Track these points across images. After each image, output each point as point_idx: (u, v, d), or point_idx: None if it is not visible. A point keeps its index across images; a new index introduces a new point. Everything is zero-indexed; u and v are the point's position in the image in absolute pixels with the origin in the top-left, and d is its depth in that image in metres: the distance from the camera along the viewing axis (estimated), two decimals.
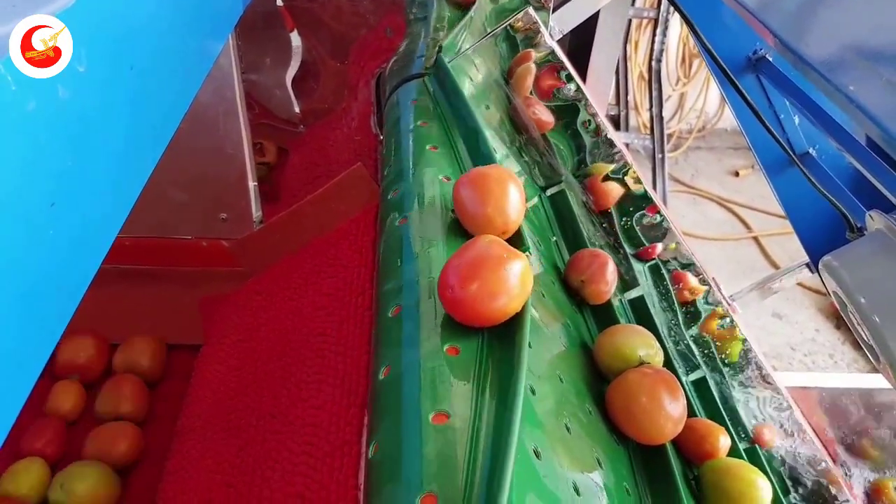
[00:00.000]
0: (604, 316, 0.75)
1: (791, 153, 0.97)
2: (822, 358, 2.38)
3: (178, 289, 1.04)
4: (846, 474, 1.17)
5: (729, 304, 0.94)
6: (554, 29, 0.94)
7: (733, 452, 0.65)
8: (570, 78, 0.97)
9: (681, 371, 0.76)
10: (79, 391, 0.94)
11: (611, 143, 1.02)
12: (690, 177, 3.18)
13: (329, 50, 1.32)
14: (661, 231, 1.17)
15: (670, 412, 0.57)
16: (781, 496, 0.67)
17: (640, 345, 0.64)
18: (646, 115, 2.81)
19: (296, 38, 1.31)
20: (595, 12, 0.97)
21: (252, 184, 1.00)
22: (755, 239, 2.85)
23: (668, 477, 0.57)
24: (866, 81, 0.54)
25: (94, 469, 0.84)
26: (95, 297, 1.06)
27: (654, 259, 1.18)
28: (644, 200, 1.08)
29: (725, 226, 2.94)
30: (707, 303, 0.89)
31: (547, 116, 1.00)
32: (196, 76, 0.67)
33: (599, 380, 0.64)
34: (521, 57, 1.05)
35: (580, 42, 1.07)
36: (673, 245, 1.10)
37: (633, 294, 0.96)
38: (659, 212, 0.99)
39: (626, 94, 2.77)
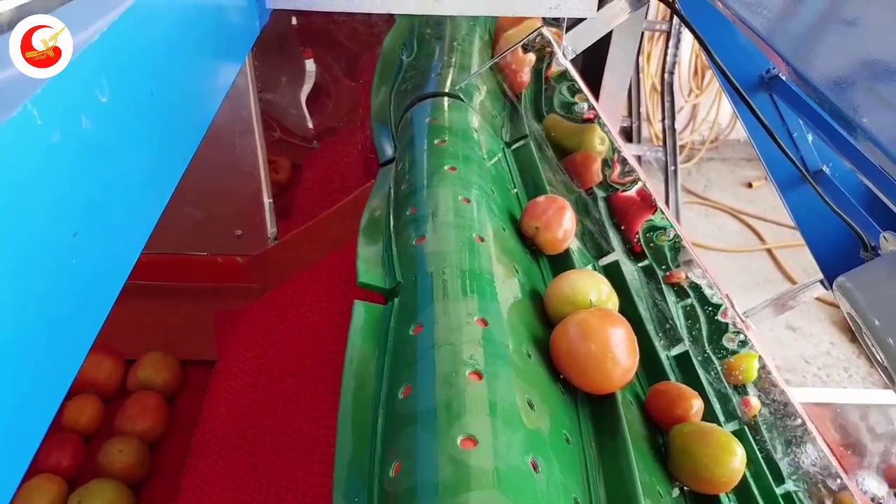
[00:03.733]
0: (562, 267, 0.71)
1: (804, 171, 0.97)
2: (836, 371, 2.36)
3: (193, 305, 1.05)
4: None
5: (743, 321, 0.93)
6: (567, 49, 0.95)
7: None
8: (577, 91, 0.97)
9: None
10: (96, 406, 0.96)
11: (624, 162, 1.03)
12: (703, 188, 3.17)
13: (343, 68, 1.34)
14: (675, 247, 1.17)
15: (618, 357, 0.51)
16: (764, 467, 0.63)
17: (591, 288, 0.59)
18: (658, 127, 2.80)
19: (309, 60, 1.33)
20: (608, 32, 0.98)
21: (267, 201, 1.01)
22: (769, 251, 2.84)
23: (616, 429, 0.52)
24: (874, 107, 0.54)
25: (110, 486, 0.85)
26: (112, 313, 1.07)
27: (678, 283, 1.17)
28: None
29: (739, 237, 2.92)
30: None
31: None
32: (215, 97, 0.68)
33: (549, 328, 0.59)
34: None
35: (593, 60, 1.08)
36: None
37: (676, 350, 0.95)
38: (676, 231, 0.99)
39: (639, 106, 2.77)
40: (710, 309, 1.07)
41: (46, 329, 0.38)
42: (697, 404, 0.59)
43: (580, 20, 0.92)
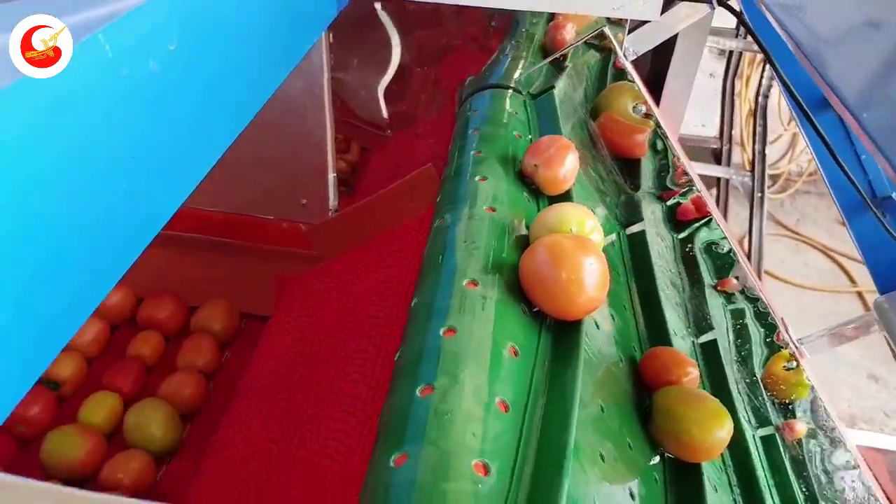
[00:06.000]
0: None
1: (867, 196, 0.94)
2: None
3: (255, 263, 1.14)
4: None
5: (797, 348, 0.92)
6: (629, 50, 0.97)
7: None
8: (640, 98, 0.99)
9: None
10: (158, 341, 1.06)
11: (678, 167, 1.04)
12: (795, 221, 3.04)
13: (427, 58, 1.39)
14: (727, 261, 1.16)
15: (582, 282, 0.50)
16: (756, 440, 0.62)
17: (576, 219, 0.58)
18: (751, 152, 2.72)
19: (396, 48, 1.39)
20: (674, 36, 0.99)
21: (331, 175, 1.08)
22: (859, 294, 2.69)
23: (572, 355, 0.51)
24: None
25: (162, 408, 0.94)
26: (183, 262, 1.19)
27: (729, 292, 1.16)
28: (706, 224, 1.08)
29: (828, 276, 2.78)
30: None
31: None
32: (279, 70, 0.74)
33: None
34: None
35: (661, 65, 1.09)
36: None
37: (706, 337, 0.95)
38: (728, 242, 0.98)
39: (731, 129, 2.69)
40: (762, 330, 1.05)
41: (106, 225, 0.44)
42: (693, 373, 0.59)
43: (643, 22, 0.93)
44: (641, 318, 0.82)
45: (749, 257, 2.32)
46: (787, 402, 0.80)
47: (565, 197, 0.73)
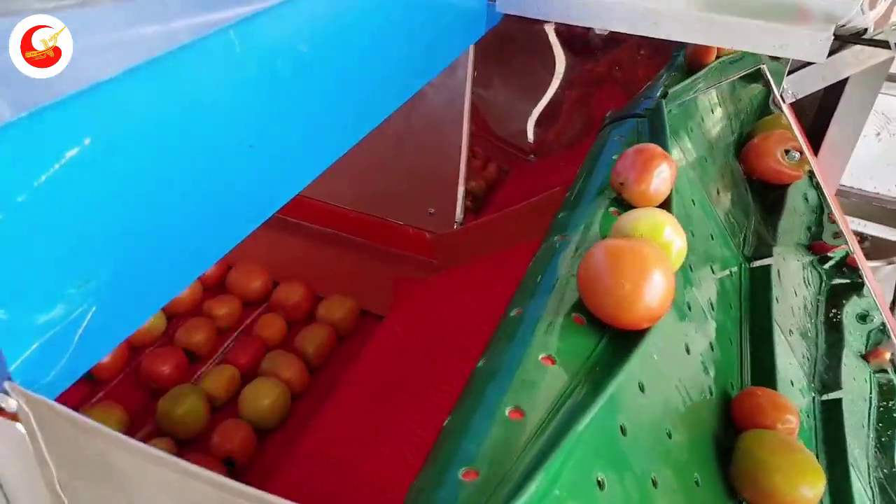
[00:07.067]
0: None
1: None
2: None
3: (379, 264, 1.19)
4: None
5: None
6: (787, 91, 0.90)
7: None
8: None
9: None
10: (281, 325, 1.13)
11: (832, 221, 0.95)
12: None
13: (577, 85, 1.38)
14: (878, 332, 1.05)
15: (635, 284, 0.45)
16: None
17: (646, 225, 0.53)
18: None
19: (558, 75, 1.38)
20: (842, 81, 0.91)
21: (461, 188, 1.10)
22: None
23: (614, 364, 0.47)
24: None
25: (273, 387, 1.00)
26: (315, 253, 1.26)
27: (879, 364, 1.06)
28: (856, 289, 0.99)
29: None
30: None
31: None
32: (412, 82, 0.77)
33: None
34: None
35: (826, 111, 1.00)
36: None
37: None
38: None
39: None
40: None
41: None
42: (792, 421, 0.53)
43: (807, 63, 0.86)
44: (748, 356, 0.76)
45: None
46: None
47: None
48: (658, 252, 0.49)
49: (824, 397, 0.92)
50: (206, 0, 0.47)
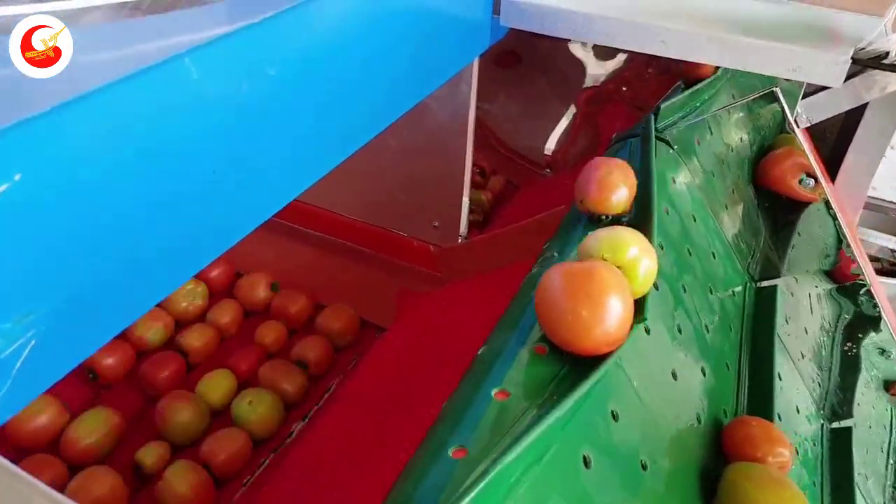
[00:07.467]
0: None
1: None
2: None
3: (382, 275, 1.18)
4: None
5: None
6: (801, 116, 0.87)
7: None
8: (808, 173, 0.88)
9: None
10: (281, 332, 1.13)
11: (849, 248, 0.92)
12: None
13: (588, 99, 1.36)
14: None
15: (595, 313, 0.44)
16: None
17: (617, 246, 0.50)
18: None
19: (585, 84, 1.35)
20: (861, 106, 0.87)
21: (465, 201, 1.09)
22: None
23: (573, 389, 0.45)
24: None
25: (268, 396, 1.00)
26: (318, 261, 1.26)
27: None
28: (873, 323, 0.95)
29: None
30: None
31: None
32: (410, 95, 0.76)
33: None
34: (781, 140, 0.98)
35: (845, 136, 0.96)
36: None
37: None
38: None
39: None
40: None
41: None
42: (785, 455, 0.51)
43: (822, 88, 0.83)
44: (746, 382, 0.74)
45: None
46: None
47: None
48: (614, 274, 0.47)
49: (834, 425, 0.89)
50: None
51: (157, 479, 0.89)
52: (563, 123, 1.41)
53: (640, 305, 0.52)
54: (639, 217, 0.66)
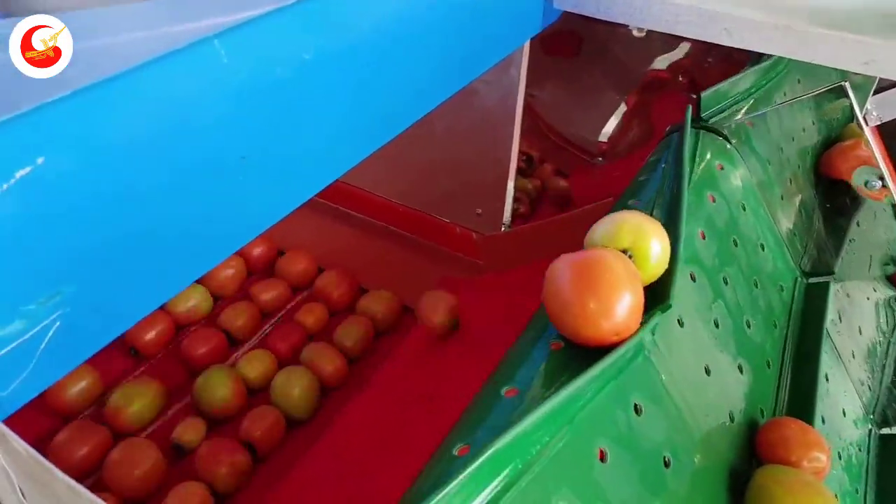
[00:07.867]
0: None
1: None
2: None
3: (424, 261, 1.17)
4: None
5: None
6: (871, 113, 0.81)
7: None
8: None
9: None
10: (323, 313, 1.14)
11: None
12: None
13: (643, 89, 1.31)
14: None
15: (600, 302, 0.42)
16: None
17: (616, 232, 0.49)
18: None
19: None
20: None
21: (510, 190, 1.07)
22: None
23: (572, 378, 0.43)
24: None
25: (306, 377, 1.01)
26: (361, 243, 1.25)
27: None
28: None
29: None
30: None
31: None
32: (457, 78, 0.73)
33: None
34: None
35: None
36: None
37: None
38: None
39: None
40: None
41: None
42: (821, 460, 0.48)
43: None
44: (788, 381, 0.70)
45: None
46: None
47: None
48: (620, 260, 0.45)
49: (883, 431, 0.85)
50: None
51: (192, 454, 0.91)
52: (621, 110, 1.37)
53: (656, 291, 0.50)
54: (670, 204, 0.63)
